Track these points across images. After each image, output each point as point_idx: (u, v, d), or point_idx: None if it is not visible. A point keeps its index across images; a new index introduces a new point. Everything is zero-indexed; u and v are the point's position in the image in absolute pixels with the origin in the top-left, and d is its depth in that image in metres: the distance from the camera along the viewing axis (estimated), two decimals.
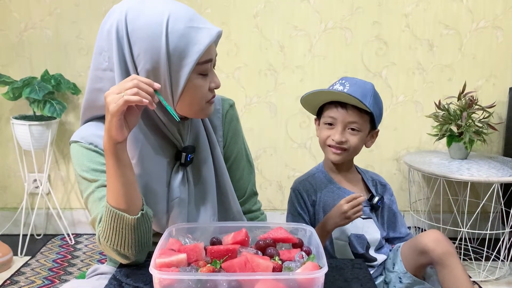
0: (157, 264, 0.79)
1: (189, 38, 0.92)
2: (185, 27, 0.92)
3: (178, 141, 1.04)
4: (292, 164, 2.56)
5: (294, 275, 0.77)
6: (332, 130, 1.31)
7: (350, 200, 1.24)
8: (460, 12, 2.42)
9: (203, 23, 0.95)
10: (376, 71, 2.47)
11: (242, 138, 1.19)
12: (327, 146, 1.33)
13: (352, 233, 1.34)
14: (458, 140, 2.21)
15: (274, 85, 2.47)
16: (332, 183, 1.37)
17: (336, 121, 1.30)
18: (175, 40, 0.92)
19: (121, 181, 0.91)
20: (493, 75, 2.49)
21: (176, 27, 0.92)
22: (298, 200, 1.35)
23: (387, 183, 1.44)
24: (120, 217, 0.92)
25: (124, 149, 0.92)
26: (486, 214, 2.35)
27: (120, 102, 0.85)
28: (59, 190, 2.55)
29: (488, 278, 2.17)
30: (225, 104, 1.15)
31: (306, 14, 2.41)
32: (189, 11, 0.95)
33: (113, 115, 0.86)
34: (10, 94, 2.21)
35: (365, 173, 1.44)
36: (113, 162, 0.91)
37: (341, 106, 1.29)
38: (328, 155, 1.34)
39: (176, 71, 0.93)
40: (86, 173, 0.99)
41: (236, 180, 1.18)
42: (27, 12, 2.37)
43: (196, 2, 2.37)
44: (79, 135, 1.02)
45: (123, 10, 0.94)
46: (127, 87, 0.86)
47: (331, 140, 1.31)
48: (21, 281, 2.05)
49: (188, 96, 0.97)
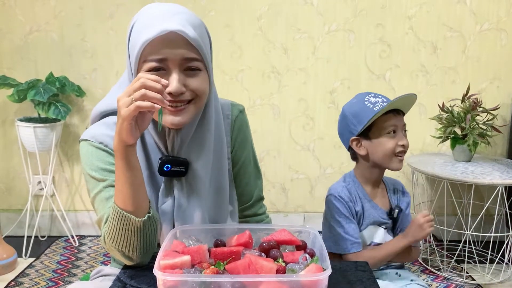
0: (161, 266, 0.79)
1: (140, 33, 0.94)
2: (144, 24, 0.94)
3: (163, 149, 1.02)
4: (296, 166, 2.56)
5: (298, 277, 0.77)
6: (395, 138, 1.32)
7: (425, 215, 1.32)
8: (463, 15, 2.42)
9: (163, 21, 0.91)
10: (379, 74, 2.47)
11: (250, 144, 1.19)
12: (394, 155, 1.33)
13: (373, 242, 1.36)
14: (462, 142, 2.20)
15: (277, 88, 2.48)
16: (364, 196, 1.38)
17: (397, 127, 1.33)
18: (133, 36, 0.96)
19: (130, 183, 0.92)
20: (497, 78, 2.48)
21: (137, 24, 0.95)
22: (345, 206, 1.34)
23: (406, 191, 1.46)
24: (126, 218, 0.93)
25: (134, 151, 0.92)
26: (490, 217, 2.34)
27: (131, 108, 0.85)
28: (64, 192, 2.56)
29: (492, 281, 2.16)
30: (234, 110, 1.14)
31: (310, 17, 2.41)
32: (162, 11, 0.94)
33: (124, 119, 0.86)
34: (15, 96, 2.22)
35: (388, 182, 1.45)
36: (123, 164, 0.91)
37: (397, 112, 1.33)
38: (394, 164, 1.34)
39: (131, 70, 0.97)
40: (95, 172, 0.99)
41: (243, 185, 1.17)
42: (32, 15, 2.39)
43: (199, 5, 2.38)
44: (89, 133, 1.02)
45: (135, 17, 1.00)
46: (135, 88, 0.86)
47: (399, 147, 1.32)
48: (26, 283, 2.06)
49: None
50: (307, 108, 2.50)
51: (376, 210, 1.37)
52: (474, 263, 2.29)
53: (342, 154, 2.53)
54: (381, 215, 1.37)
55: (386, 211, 1.39)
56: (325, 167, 2.56)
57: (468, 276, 2.19)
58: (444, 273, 2.21)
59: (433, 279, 2.17)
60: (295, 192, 2.59)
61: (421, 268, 2.28)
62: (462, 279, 2.17)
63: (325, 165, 2.56)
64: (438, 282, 2.15)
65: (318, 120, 2.51)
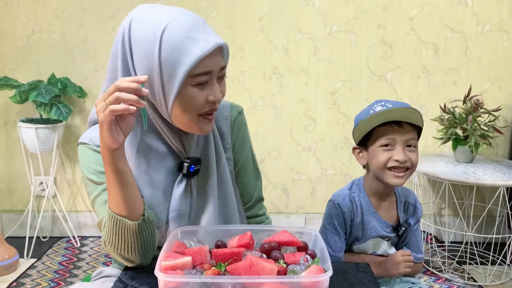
0: (163, 267, 0.79)
1: (182, 48, 0.90)
2: (181, 37, 0.91)
3: (180, 151, 1.04)
4: (297, 168, 2.56)
5: (299, 279, 0.77)
6: (391, 151, 1.24)
7: (405, 254, 1.28)
8: (465, 16, 2.42)
9: (204, 34, 0.92)
10: (381, 75, 2.47)
11: (249, 145, 1.19)
12: (387, 169, 1.25)
13: (374, 252, 1.34)
14: (463, 143, 2.20)
15: (278, 89, 2.48)
16: (369, 207, 1.32)
17: (395, 141, 1.23)
18: (168, 49, 0.90)
19: (121, 188, 0.92)
20: (498, 79, 2.48)
21: (170, 36, 0.90)
22: (339, 217, 1.31)
23: (418, 206, 1.38)
24: (121, 222, 0.93)
25: (121, 156, 0.91)
26: (492, 218, 2.33)
27: (106, 112, 0.85)
28: (65, 192, 2.56)
29: (494, 282, 2.15)
30: (233, 111, 1.15)
31: (311, 18, 2.42)
32: (190, 21, 0.93)
33: (102, 124, 0.86)
34: (17, 98, 2.23)
35: (400, 194, 1.37)
36: (112, 169, 0.91)
37: (397, 124, 1.23)
38: (388, 179, 1.25)
39: (168, 80, 0.92)
40: (93, 175, 1.00)
41: (243, 186, 1.18)
42: (34, 16, 2.39)
43: (201, 6, 2.38)
44: (87, 137, 1.02)
45: (130, 17, 0.96)
46: (110, 92, 0.86)
47: (393, 161, 1.23)
48: (27, 283, 2.06)
49: (180, 106, 0.95)
50: (309, 109, 2.50)
51: (380, 223, 1.32)
52: (476, 265, 2.28)
53: (343, 155, 2.53)
54: (385, 228, 1.32)
55: (392, 225, 1.33)
56: (327, 168, 2.56)
57: (470, 278, 2.19)
58: (446, 275, 2.21)
59: (435, 281, 2.17)
60: (296, 193, 2.59)
61: (423, 269, 2.28)
62: (463, 281, 2.16)
63: (326, 166, 2.56)
64: (440, 284, 2.15)
65: (320, 121, 2.51)
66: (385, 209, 1.34)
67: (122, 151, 0.91)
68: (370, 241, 1.33)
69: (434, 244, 2.42)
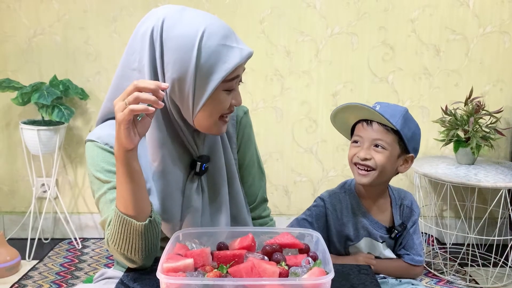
0: (164, 269, 0.79)
1: (219, 55, 0.93)
2: (218, 44, 0.92)
3: (193, 150, 1.05)
4: (298, 169, 2.56)
5: (301, 281, 0.77)
6: (357, 148, 1.28)
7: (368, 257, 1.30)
8: (466, 17, 2.42)
9: (236, 42, 0.95)
10: (382, 76, 2.47)
11: (254, 145, 1.20)
12: (354, 165, 1.28)
13: (369, 253, 1.34)
14: (465, 145, 2.20)
15: (280, 90, 2.48)
16: (359, 208, 1.32)
17: (362, 138, 1.27)
18: (205, 55, 0.92)
19: (131, 188, 0.92)
20: (500, 80, 2.48)
21: (208, 43, 0.92)
22: (318, 209, 1.34)
23: (414, 209, 1.37)
24: (128, 222, 0.93)
25: (134, 156, 0.92)
26: (493, 220, 2.33)
27: (125, 112, 0.85)
28: (67, 194, 2.57)
29: (496, 284, 2.15)
30: (239, 111, 1.16)
31: (312, 20, 2.42)
32: (224, 28, 0.95)
33: (120, 123, 0.86)
34: (19, 99, 2.23)
35: (396, 196, 1.37)
36: (124, 169, 0.91)
37: (367, 123, 1.27)
38: (355, 175, 1.29)
39: (201, 85, 0.93)
40: (100, 173, 1.00)
41: (248, 186, 1.19)
42: (36, 18, 2.40)
43: (203, 8, 2.38)
44: (95, 134, 1.02)
45: (161, 16, 0.95)
46: (129, 91, 0.86)
47: (356, 157, 1.27)
48: (29, 285, 2.07)
49: (208, 109, 0.97)
50: (310, 110, 2.50)
51: (371, 223, 1.31)
52: (478, 267, 2.28)
53: (344, 157, 2.53)
54: (378, 229, 1.32)
55: (386, 227, 1.33)
56: (328, 169, 2.56)
57: (472, 280, 2.19)
58: (447, 277, 2.21)
59: (436, 283, 2.17)
60: (298, 195, 2.59)
61: (424, 271, 2.27)
62: (465, 283, 2.16)
63: (328, 168, 2.56)
64: (441, 286, 2.14)
65: (321, 123, 2.51)
66: (379, 210, 1.34)
67: (135, 152, 0.92)
68: (362, 241, 1.32)
69: (436, 246, 2.42)
